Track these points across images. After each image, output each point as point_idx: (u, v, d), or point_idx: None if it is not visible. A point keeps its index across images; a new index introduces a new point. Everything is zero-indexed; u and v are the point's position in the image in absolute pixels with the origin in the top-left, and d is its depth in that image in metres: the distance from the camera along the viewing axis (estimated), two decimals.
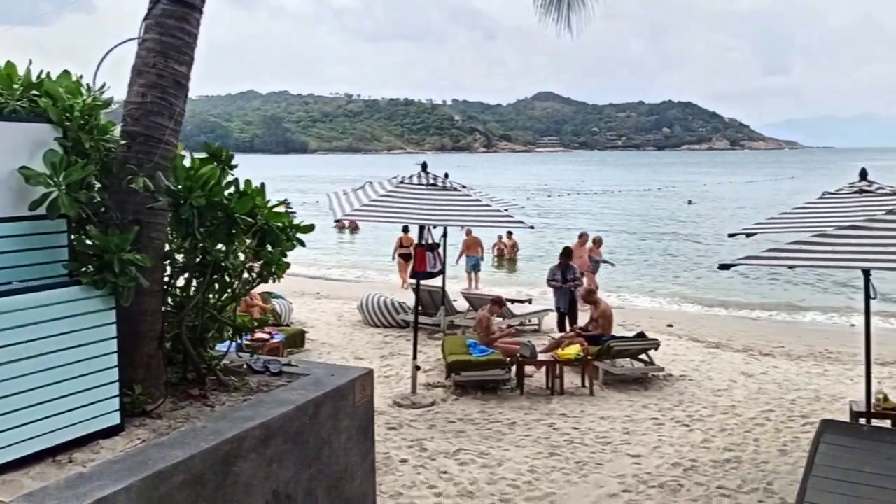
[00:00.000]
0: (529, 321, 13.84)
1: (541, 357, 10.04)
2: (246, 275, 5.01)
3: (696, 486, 6.93)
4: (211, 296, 4.89)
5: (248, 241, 4.63)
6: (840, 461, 3.52)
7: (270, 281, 5.12)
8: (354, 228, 34.22)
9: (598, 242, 17.82)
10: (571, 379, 10.15)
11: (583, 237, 17.64)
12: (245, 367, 5.26)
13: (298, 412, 4.52)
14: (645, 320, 15.47)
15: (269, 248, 4.86)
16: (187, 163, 4.44)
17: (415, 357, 9.56)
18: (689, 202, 54.90)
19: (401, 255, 20.88)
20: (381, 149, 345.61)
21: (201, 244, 4.41)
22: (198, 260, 4.61)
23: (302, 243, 5.02)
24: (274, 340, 10.43)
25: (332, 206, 8.81)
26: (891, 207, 5.22)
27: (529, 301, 14.82)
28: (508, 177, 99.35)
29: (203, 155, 4.60)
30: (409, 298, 15.03)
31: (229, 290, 4.97)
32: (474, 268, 20.06)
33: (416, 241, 9.30)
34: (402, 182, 8.92)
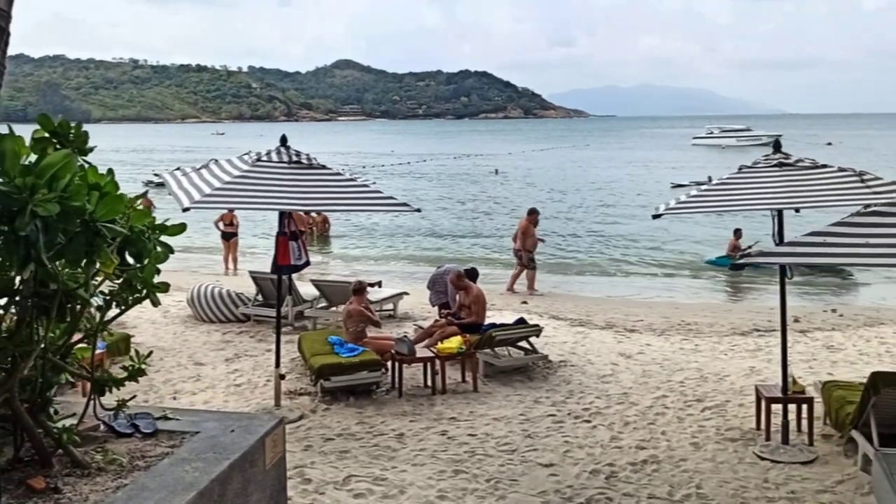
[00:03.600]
0: (383, 307, 12.73)
1: (419, 353, 8.98)
2: (98, 301, 3.56)
3: (625, 497, 6.21)
4: (53, 335, 3.40)
5: (115, 259, 3.18)
6: None
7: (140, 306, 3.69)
8: (148, 205, 30.46)
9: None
10: (449, 373, 9.21)
11: (533, 214, 16.20)
12: (103, 428, 3.80)
13: (201, 500, 3.19)
14: (497, 298, 14.88)
15: (133, 261, 3.44)
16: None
17: (277, 364, 8.19)
18: (496, 171, 55.85)
19: (223, 236, 18.96)
20: (173, 118, 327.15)
21: (43, 268, 2.93)
22: (33, 287, 3.11)
23: (171, 250, 3.60)
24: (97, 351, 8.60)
25: (173, 190, 7.17)
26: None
27: (379, 284, 13.70)
28: (314, 147, 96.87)
29: (36, 132, 3.07)
30: (243, 287, 13.46)
31: (81, 327, 3.50)
32: None
33: (277, 228, 7.84)
34: (259, 160, 7.43)
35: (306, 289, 12.69)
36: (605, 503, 6.13)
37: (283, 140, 7.80)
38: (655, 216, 6.68)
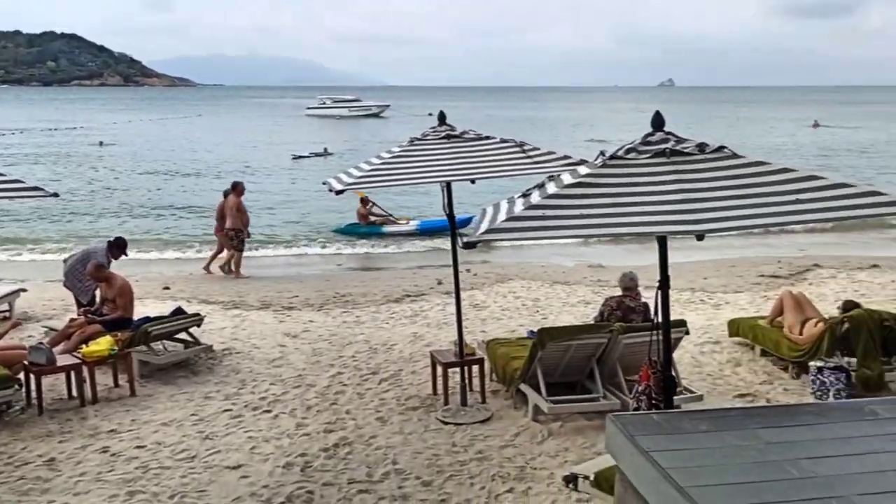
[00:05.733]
0: None
1: (60, 359, 7.67)
2: None
3: (325, 487, 5.94)
4: None
5: None
6: (687, 460, 3.05)
7: None
8: None
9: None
10: (98, 379, 8.00)
11: (238, 187, 14.55)
12: None
13: None
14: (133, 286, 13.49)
15: None
16: None
17: None
18: (101, 143, 51.23)
19: None
20: None
21: None
22: None
23: None
24: None
25: None
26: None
27: None
28: None
29: None
30: None
31: None
32: None
33: None
34: None
35: None
36: (307, 497, 5.80)
37: None
38: (338, 192, 6.39)
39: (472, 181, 6.51)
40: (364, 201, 19.93)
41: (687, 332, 7.32)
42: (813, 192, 3.85)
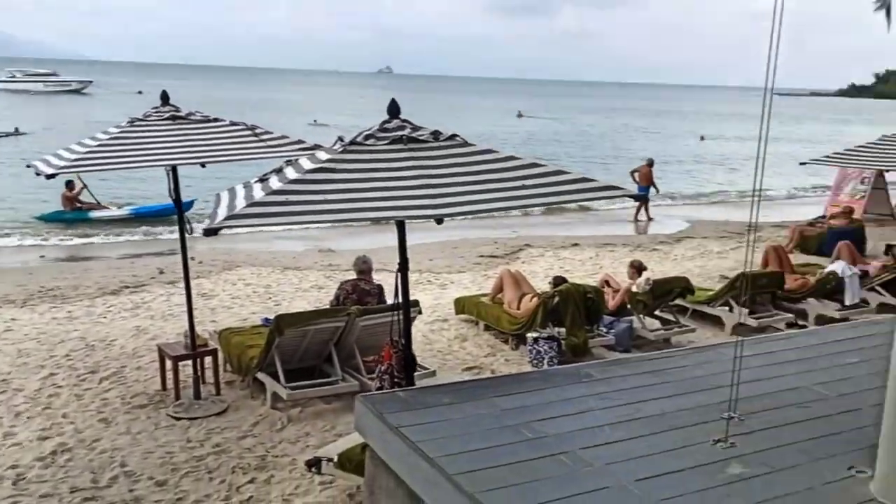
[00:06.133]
0: None
1: None
2: None
3: (44, 500, 5.43)
4: None
5: None
6: (433, 432, 3.24)
7: None
8: None
9: None
10: None
11: None
12: None
13: None
14: None
15: None
16: None
17: None
18: None
19: None
20: None
21: None
22: None
23: None
24: None
25: None
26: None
27: None
28: None
29: None
30: None
31: None
32: None
33: None
34: None
35: None
36: None
37: None
38: (49, 176, 5.74)
39: (203, 165, 6.24)
40: (70, 185, 18.23)
41: (420, 312, 7.64)
42: (535, 178, 4.21)
